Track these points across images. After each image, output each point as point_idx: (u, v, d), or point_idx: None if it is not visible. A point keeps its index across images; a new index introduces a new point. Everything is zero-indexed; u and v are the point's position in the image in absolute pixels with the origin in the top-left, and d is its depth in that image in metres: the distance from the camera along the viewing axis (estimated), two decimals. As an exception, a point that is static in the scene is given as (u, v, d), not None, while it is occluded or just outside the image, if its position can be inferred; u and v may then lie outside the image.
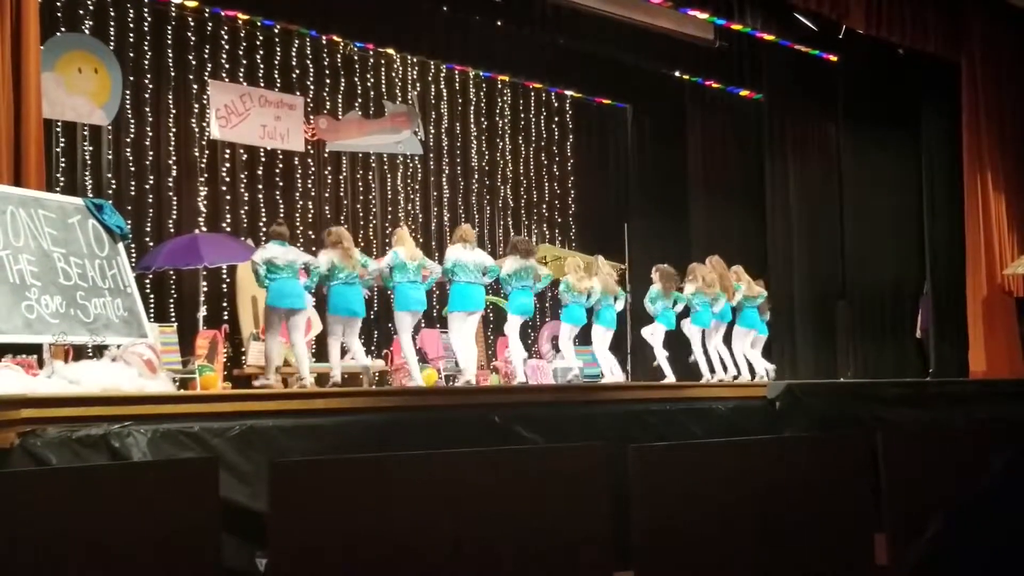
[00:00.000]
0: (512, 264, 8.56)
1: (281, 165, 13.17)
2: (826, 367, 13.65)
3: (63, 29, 11.28)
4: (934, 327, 13.42)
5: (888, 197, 14.21)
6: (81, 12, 11.48)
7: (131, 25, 11.87)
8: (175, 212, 12.20)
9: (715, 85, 15.03)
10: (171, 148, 12.25)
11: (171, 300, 11.76)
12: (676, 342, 10.28)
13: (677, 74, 14.67)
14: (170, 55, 12.21)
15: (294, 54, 13.29)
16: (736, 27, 12.96)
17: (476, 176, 15.26)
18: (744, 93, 15.12)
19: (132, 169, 11.89)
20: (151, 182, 12.01)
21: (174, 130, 12.29)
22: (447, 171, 14.96)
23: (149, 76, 12.04)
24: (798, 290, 14.08)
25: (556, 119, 16.17)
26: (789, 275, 14.10)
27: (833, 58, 14.06)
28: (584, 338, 10.98)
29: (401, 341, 8.08)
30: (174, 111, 12.28)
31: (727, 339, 10.18)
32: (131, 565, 2.50)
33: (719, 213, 14.98)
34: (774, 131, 14.34)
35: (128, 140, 11.87)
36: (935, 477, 3.38)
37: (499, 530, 2.86)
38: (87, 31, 11.53)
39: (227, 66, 12.69)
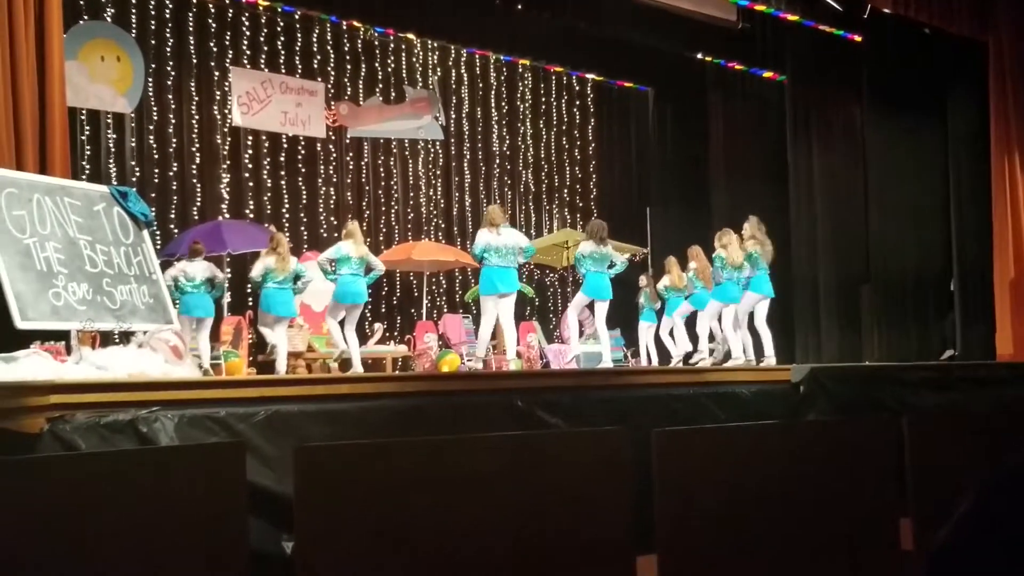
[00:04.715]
0: (588, 247, 8.78)
1: (303, 151, 13.22)
2: (850, 351, 13.56)
3: (85, 17, 11.36)
4: (960, 310, 13.28)
5: (914, 180, 14.02)
6: (103, 0, 11.54)
7: (152, 12, 11.94)
8: (199, 199, 12.29)
9: (738, 67, 14.90)
10: (194, 135, 12.33)
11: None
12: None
13: (699, 56, 14.57)
14: (192, 42, 12.28)
15: (315, 40, 13.31)
16: (759, 8, 12.86)
17: (497, 161, 15.25)
18: (767, 75, 14.99)
19: (155, 156, 11.98)
20: (174, 169, 12.10)
21: (196, 117, 12.37)
22: (468, 156, 14.95)
23: (171, 63, 12.11)
24: (822, 274, 13.97)
25: (577, 103, 16.11)
26: (813, 260, 13.99)
27: (858, 38, 13.89)
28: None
29: (332, 329, 8.44)
30: (196, 98, 12.35)
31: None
32: (160, 549, 2.53)
33: (741, 197, 14.83)
34: (797, 113, 14.21)
35: (151, 127, 11.96)
36: (961, 461, 3.36)
37: (521, 514, 2.87)
38: (109, 19, 11.61)
39: (248, 53, 12.74)
